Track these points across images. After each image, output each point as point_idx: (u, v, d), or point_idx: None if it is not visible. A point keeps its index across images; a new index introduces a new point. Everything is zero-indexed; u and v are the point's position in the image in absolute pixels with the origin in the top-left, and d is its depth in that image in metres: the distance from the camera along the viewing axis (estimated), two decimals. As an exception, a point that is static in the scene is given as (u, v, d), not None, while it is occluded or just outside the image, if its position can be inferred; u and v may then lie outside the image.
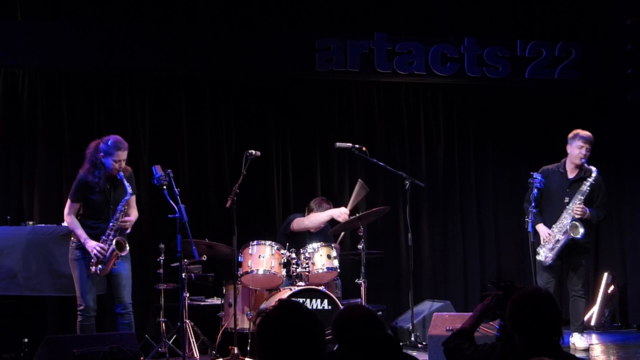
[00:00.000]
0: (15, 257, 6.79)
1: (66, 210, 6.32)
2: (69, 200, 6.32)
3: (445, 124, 8.94)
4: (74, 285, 6.53)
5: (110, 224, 6.19)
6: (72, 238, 6.30)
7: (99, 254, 6.12)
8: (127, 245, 6.24)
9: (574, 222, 6.99)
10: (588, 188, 7.04)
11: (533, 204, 6.95)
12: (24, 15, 7.87)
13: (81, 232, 6.19)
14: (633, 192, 8.87)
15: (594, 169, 7.09)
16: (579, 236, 6.97)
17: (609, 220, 7.98)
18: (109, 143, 6.20)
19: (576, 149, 7.15)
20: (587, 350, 7.06)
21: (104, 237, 6.17)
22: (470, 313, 3.94)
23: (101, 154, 6.20)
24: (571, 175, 7.18)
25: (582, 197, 7.04)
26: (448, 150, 8.94)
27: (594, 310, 8.66)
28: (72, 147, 7.87)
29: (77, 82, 8.00)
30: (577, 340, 7.08)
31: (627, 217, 8.92)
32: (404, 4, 8.80)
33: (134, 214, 6.41)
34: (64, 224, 7.05)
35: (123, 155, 6.21)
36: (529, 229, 6.93)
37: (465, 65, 8.73)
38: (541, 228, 7.12)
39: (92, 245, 6.14)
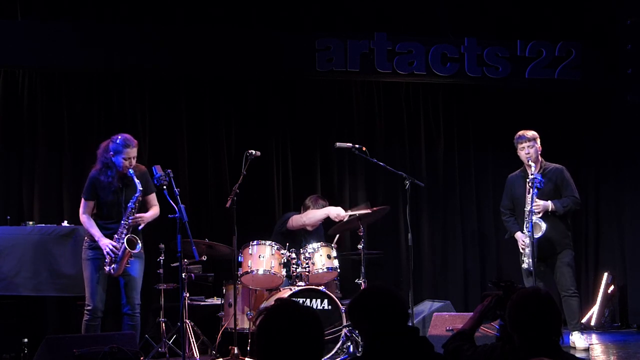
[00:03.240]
0: (15, 257, 6.80)
1: (81, 210, 6.34)
2: (82, 200, 6.35)
3: (445, 124, 8.94)
4: (73, 285, 6.57)
5: (122, 222, 6.21)
6: (86, 237, 6.32)
7: (111, 253, 6.14)
8: (140, 241, 6.25)
9: (534, 222, 6.94)
10: (530, 184, 6.95)
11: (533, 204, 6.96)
12: (24, 15, 7.87)
13: (95, 231, 6.22)
14: (633, 192, 8.87)
15: (533, 165, 7.01)
16: (540, 234, 6.90)
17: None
18: (118, 141, 6.25)
19: (519, 151, 7.17)
20: (587, 350, 7.05)
21: (116, 236, 6.20)
22: (471, 313, 3.94)
23: (111, 152, 6.25)
24: (529, 177, 7.11)
25: (533, 195, 6.93)
26: (448, 150, 8.94)
27: (594, 310, 8.66)
28: (72, 148, 7.88)
29: (77, 82, 8.00)
30: (577, 340, 7.07)
31: (627, 217, 8.92)
32: (404, 4, 8.80)
33: (153, 210, 6.43)
34: (65, 223, 7.08)
35: (132, 152, 6.26)
36: (529, 229, 6.92)
37: (465, 65, 8.74)
38: (518, 235, 7.13)
39: (106, 243, 6.16)
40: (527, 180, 7.01)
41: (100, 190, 6.28)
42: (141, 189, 6.24)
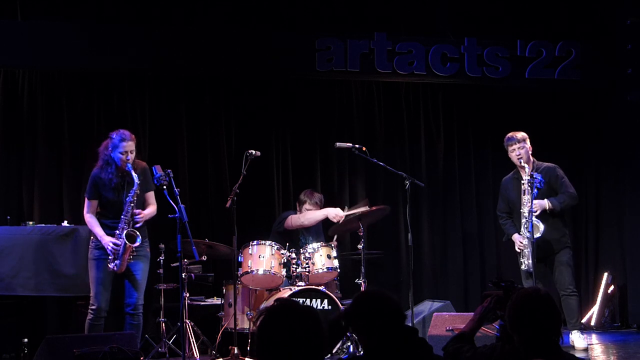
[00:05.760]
0: (15, 257, 6.79)
1: (85, 210, 6.37)
2: (85, 199, 6.39)
3: (445, 124, 8.94)
4: (73, 285, 6.57)
5: (122, 217, 6.24)
6: (92, 237, 6.35)
7: (113, 250, 6.16)
8: (139, 235, 6.26)
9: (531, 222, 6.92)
10: (527, 186, 6.93)
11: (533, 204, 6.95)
12: (24, 16, 7.87)
13: (98, 230, 6.25)
14: (633, 192, 8.86)
15: (526, 165, 6.97)
16: (538, 235, 6.88)
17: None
18: (115, 136, 6.31)
19: (510, 153, 7.16)
20: (587, 350, 7.05)
21: (117, 232, 6.21)
22: (471, 313, 3.94)
23: (110, 149, 6.29)
24: (524, 178, 7.08)
25: (528, 196, 6.91)
26: (448, 150, 8.94)
27: (594, 310, 8.66)
28: (72, 147, 7.88)
29: (77, 82, 8.00)
30: (577, 340, 7.06)
31: (627, 217, 8.91)
32: (404, 4, 8.81)
33: (151, 208, 6.45)
34: (65, 223, 7.08)
35: (129, 146, 6.28)
36: (529, 229, 6.91)
37: (465, 65, 8.74)
38: (515, 237, 7.11)
39: (107, 241, 6.20)
40: (523, 181, 6.99)
41: (101, 188, 6.30)
42: (138, 182, 6.25)
